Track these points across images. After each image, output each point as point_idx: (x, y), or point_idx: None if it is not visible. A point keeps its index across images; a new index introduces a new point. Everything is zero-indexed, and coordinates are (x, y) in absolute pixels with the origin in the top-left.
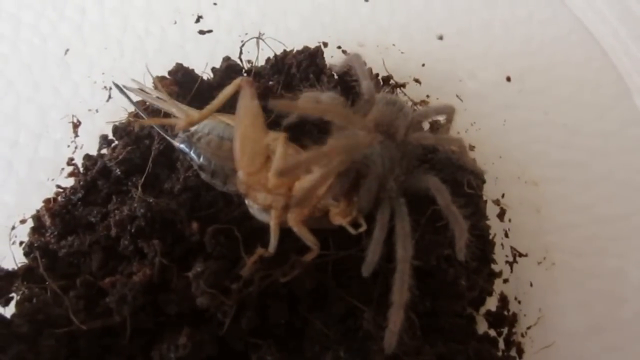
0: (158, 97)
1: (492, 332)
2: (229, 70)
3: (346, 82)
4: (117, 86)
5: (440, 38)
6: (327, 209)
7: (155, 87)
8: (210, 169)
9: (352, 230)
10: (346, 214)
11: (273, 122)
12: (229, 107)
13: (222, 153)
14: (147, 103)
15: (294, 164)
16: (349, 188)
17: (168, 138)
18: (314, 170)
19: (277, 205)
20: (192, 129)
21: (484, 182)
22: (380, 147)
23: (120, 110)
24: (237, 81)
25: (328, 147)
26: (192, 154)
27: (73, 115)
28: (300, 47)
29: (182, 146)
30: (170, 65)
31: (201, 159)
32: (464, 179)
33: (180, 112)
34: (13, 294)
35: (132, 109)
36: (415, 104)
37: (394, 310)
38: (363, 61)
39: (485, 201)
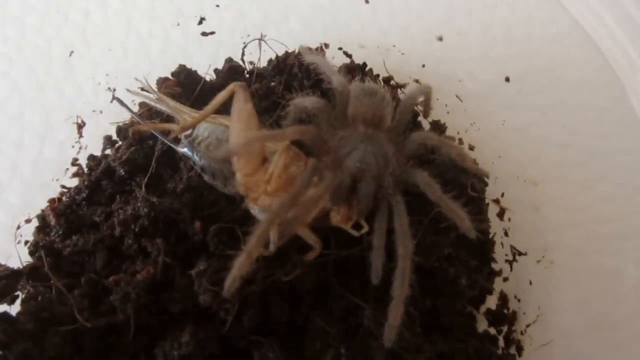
0: (158, 99)
1: (492, 330)
2: (231, 71)
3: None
4: (118, 100)
5: (440, 39)
6: (328, 211)
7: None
8: (211, 171)
9: (354, 233)
10: (347, 218)
11: (273, 124)
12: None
13: None
14: (150, 104)
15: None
16: (347, 195)
17: (171, 144)
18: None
19: None
20: (194, 133)
21: (486, 185)
22: (371, 144)
23: (124, 111)
24: (230, 87)
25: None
26: (194, 157)
27: (77, 116)
28: None
29: (184, 150)
30: (174, 67)
31: (202, 162)
32: (468, 182)
33: (180, 114)
34: (18, 292)
35: (135, 109)
36: (415, 104)
37: (394, 304)
38: (324, 57)
39: (487, 204)
